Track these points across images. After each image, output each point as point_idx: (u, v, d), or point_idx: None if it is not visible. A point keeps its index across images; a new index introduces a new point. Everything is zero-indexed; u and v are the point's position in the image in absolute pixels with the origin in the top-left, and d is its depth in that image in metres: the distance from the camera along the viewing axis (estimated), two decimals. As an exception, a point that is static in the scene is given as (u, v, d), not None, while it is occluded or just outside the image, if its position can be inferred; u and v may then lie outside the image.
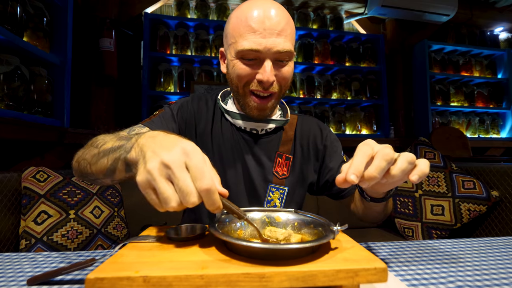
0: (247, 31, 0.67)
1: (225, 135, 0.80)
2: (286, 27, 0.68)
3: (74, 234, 1.18)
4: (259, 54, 0.67)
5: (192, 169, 0.38)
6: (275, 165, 0.80)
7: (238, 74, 0.71)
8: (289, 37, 0.69)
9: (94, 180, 0.60)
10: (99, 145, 0.56)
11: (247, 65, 0.70)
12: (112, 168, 0.51)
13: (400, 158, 0.45)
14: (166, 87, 2.43)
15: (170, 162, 0.37)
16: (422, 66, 2.81)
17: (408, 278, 0.44)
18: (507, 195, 1.45)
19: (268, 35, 0.66)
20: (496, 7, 3.00)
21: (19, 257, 0.56)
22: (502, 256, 0.54)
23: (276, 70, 0.70)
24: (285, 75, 0.71)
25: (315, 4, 2.74)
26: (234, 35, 0.70)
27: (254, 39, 0.66)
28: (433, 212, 1.55)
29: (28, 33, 1.44)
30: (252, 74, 0.70)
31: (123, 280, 0.32)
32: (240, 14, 0.69)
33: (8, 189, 1.11)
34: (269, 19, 0.67)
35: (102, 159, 0.53)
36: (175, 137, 0.43)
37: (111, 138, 0.57)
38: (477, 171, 1.61)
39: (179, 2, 2.52)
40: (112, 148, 0.52)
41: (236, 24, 0.69)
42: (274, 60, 0.69)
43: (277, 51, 0.67)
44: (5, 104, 1.30)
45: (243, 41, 0.67)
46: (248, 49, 0.66)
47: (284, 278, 0.33)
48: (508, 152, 3.05)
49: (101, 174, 0.54)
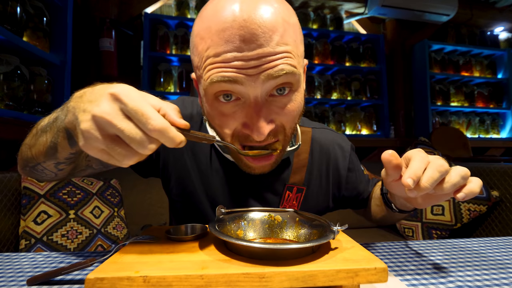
0: (214, 53, 0.42)
1: (215, 169, 0.62)
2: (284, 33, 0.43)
3: (74, 234, 1.18)
4: (240, 89, 0.43)
5: (131, 113, 0.32)
6: (283, 200, 0.63)
7: (220, 130, 0.49)
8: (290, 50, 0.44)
9: (34, 168, 0.51)
10: (38, 125, 0.48)
11: (227, 114, 0.46)
12: (52, 145, 0.44)
13: (454, 171, 0.40)
14: (166, 87, 2.43)
15: (104, 114, 0.32)
16: (422, 66, 2.81)
17: (408, 278, 0.44)
18: (507, 195, 1.45)
19: (251, 54, 0.41)
20: (496, 7, 3.00)
21: (19, 257, 0.56)
22: (502, 256, 0.54)
23: (274, 111, 0.46)
24: (291, 114, 0.48)
25: (315, 4, 2.74)
26: (197, 63, 0.46)
27: (226, 66, 0.42)
28: (433, 212, 1.55)
29: (28, 33, 1.44)
30: (238, 126, 0.47)
31: (123, 280, 0.32)
32: (203, 27, 0.45)
33: (8, 189, 1.11)
34: (251, 22, 0.41)
35: (41, 138, 0.45)
36: (103, 86, 0.37)
37: (50, 114, 0.48)
38: (477, 171, 1.61)
39: (179, 2, 2.52)
40: (49, 123, 0.45)
41: (197, 43, 0.45)
42: (268, 94, 0.45)
43: (269, 77, 0.42)
44: (5, 104, 1.30)
45: (210, 72, 0.43)
46: (219, 81, 0.42)
47: (284, 278, 0.33)
48: (508, 152, 3.05)
49: (41, 155, 0.46)
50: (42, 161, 0.48)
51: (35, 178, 0.56)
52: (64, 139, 0.42)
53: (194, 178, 0.63)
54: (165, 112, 0.36)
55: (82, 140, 0.34)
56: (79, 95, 0.39)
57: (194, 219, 0.65)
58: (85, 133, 0.33)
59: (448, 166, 0.41)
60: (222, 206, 0.49)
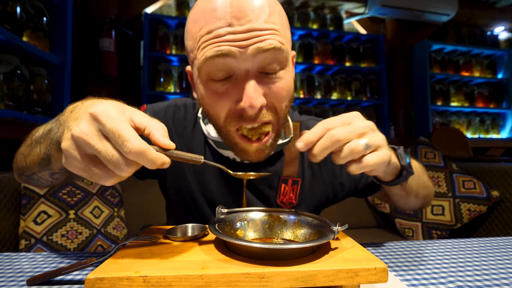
0: (207, 31, 0.45)
1: (210, 166, 0.62)
2: (273, 13, 0.47)
3: (74, 234, 1.18)
4: (232, 63, 0.45)
5: (109, 135, 0.32)
6: (280, 194, 0.63)
7: (214, 111, 0.50)
8: (279, 28, 0.47)
9: (30, 177, 0.52)
10: (32, 134, 0.49)
11: (220, 92, 0.48)
12: (45, 156, 0.44)
13: (350, 143, 0.39)
14: (166, 87, 2.43)
15: (82, 135, 0.32)
16: (422, 66, 2.81)
17: (408, 278, 0.44)
18: (507, 195, 1.45)
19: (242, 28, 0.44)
20: (496, 7, 3.00)
21: (18, 257, 0.56)
22: (502, 256, 0.54)
23: (265, 86, 0.48)
24: (281, 92, 0.50)
25: (315, 4, 2.74)
26: (192, 46, 0.49)
27: (219, 41, 0.44)
28: (434, 212, 1.55)
29: (28, 33, 1.44)
30: (232, 105, 0.49)
31: (123, 280, 0.32)
32: (196, 11, 0.48)
33: (8, 189, 1.11)
34: (241, 1, 0.45)
35: (35, 149, 0.46)
36: (89, 103, 0.37)
37: (45, 124, 0.48)
38: (477, 171, 1.61)
39: (179, 2, 2.52)
40: (42, 134, 0.45)
41: (191, 27, 0.48)
42: (259, 70, 0.47)
43: (259, 49, 0.45)
44: (5, 104, 1.30)
45: (204, 49, 0.46)
46: (213, 55, 0.45)
47: (284, 278, 0.33)
48: (508, 152, 3.05)
49: (35, 166, 0.47)
50: (36, 171, 0.48)
51: (32, 185, 0.57)
52: (57, 151, 0.42)
53: (189, 177, 0.64)
54: (149, 132, 0.36)
55: (64, 158, 0.34)
56: (71, 109, 0.39)
57: (192, 219, 0.65)
58: (65, 152, 0.34)
59: (345, 137, 0.39)
60: (222, 206, 0.49)
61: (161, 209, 1.59)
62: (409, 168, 0.51)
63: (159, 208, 1.56)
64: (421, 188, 0.63)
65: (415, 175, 0.57)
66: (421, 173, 0.64)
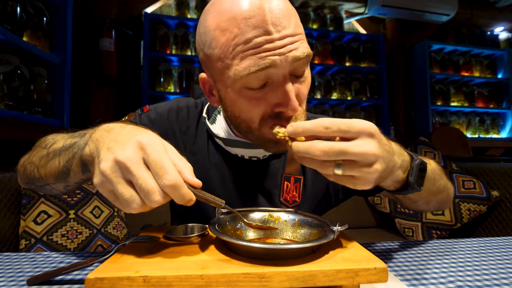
0: (244, 40, 0.44)
1: (214, 164, 0.63)
2: (296, 18, 0.48)
3: (74, 234, 1.18)
4: (272, 71, 0.45)
5: (151, 165, 0.34)
6: (283, 192, 0.63)
7: (248, 116, 0.50)
8: (303, 33, 0.49)
9: (41, 187, 0.52)
10: (48, 145, 0.50)
11: (257, 98, 0.48)
12: (65, 170, 0.44)
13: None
14: (166, 87, 2.43)
15: (126, 160, 0.34)
16: (422, 66, 2.81)
17: (408, 278, 0.44)
18: (507, 195, 1.45)
19: (279, 36, 0.44)
20: (496, 7, 3.00)
21: (19, 257, 0.56)
22: (502, 256, 0.54)
23: (295, 88, 0.48)
24: (306, 92, 0.52)
25: (315, 4, 2.74)
26: (221, 55, 0.47)
27: (259, 51, 0.44)
28: (433, 212, 1.55)
29: (28, 33, 1.44)
30: (268, 108, 0.49)
31: (123, 280, 0.32)
32: (223, 19, 0.46)
33: (8, 189, 1.11)
34: (275, 8, 0.45)
35: (52, 161, 0.46)
36: (132, 129, 0.39)
37: (62, 136, 0.49)
38: (477, 171, 1.61)
39: (179, 2, 2.52)
40: (63, 147, 0.45)
41: (219, 36, 0.46)
42: (291, 74, 0.48)
43: (296, 58, 0.45)
44: (5, 104, 1.30)
45: (244, 60, 0.44)
46: (257, 70, 0.44)
47: (284, 278, 0.33)
48: (508, 152, 3.05)
49: (51, 177, 0.48)
50: (51, 182, 0.49)
51: (41, 192, 0.57)
52: (78, 166, 0.43)
53: None
54: (180, 169, 0.36)
55: (98, 178, 0.35)
56: (107, 129, 0.40)
57: (195, 218, 0.64)
58: (103, 173, 0.34)
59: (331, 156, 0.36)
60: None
61: (161, 209, 1.59)
62: (415, 185, 0.45)
63: (159, 208, 1.56)
64: (432, 196, 0.58)
65: (428, 184, 0.52)
66: (438, 178, 0.58)
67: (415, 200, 0.56)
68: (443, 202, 0.63)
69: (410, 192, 0.46)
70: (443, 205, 0.65)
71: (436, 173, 0.58)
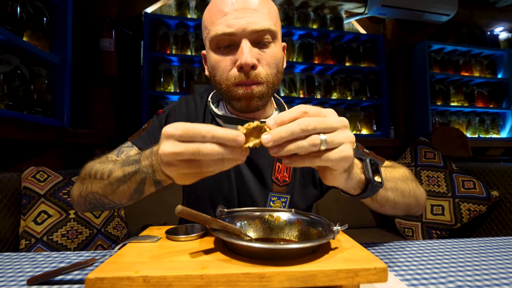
0: (218, 16, 0.61)
1: None
2: (263, 5, 0.63)
3: (74, 234, 1.18)
4: (233, 37, 0.60)
5: (189, 135, 0.39)
6: (275, 171, 0.71)
7: (216, 67, 0.64)
8: (267, 15, 0.62)
9: (109, 206, 0.59)
10: (103, 176, 0.55)
11: (223, 54, 0.63)
12: (138, 190, 0.51)
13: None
14: (166, 87, 2.43)
15: (174, 132, 0.39)
16: (422, 66, 2.81)
17: (408, 278, 0.44)
18: (507, 195, 1.45)
19: (241, 14, 0.60)
20: (496, 7, 3.00)
21: (19, 257, 0.56)
22: (502, 256, 0.54)
23: (258, 54, 0.62)
24: (269, 58, 0.63)
25: (315, 4, 2.74)
26: (206, 26, 0.65)
27: (225, 22, 0.60)
28: (433, 212, 1.55)
29: (28, 33, 1.44)
30: (231, 63, 0.62)
31: (123, 280, 0.32)
32: (211, 4, 0.66)
33: (8, 189, 1.11)
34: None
35: (121, 187, 0.52)
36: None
37: (110, 165, 0.55)
38: (477, 171, 1.61)
39: (179, 2, 2.52)
40: (127, 175, 0.51)
41: (207, 15, 0.65)
42: (254, 41, 0.61)
43: (254, 30, 0.60)
44: (5, 104, 1.30)
45: (215, 27, 0.61)
46: (221, 33, 0.60)
47: (284, 278, 0.33)
48: (508, 152, 3.05)
49: (125, 199, 0.55)
50: (124, 203, 0.56)
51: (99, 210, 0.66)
52: (151, 185, 0.49)
53: None
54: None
55: (167, 157, 0.39)
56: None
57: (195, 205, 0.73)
58: (166, 155, 0.38)
59: (318, 127, 0.38)
60: (223, 206, 0.49)
61: (161, 209, 1.59)
62: (374, 181, 0.47)
63: (159, 208, 1.56)
64: (399, 198, 0.59)
65: (390, 187, 0.54)
66: (401, 183, 0.59)
67: (382, 203, 0.56)
68: (411, 206, 0.63)
69: (374, 190, 0.48)
70: (412, 210, 0.65)
71: (399, 177, 0.59)
